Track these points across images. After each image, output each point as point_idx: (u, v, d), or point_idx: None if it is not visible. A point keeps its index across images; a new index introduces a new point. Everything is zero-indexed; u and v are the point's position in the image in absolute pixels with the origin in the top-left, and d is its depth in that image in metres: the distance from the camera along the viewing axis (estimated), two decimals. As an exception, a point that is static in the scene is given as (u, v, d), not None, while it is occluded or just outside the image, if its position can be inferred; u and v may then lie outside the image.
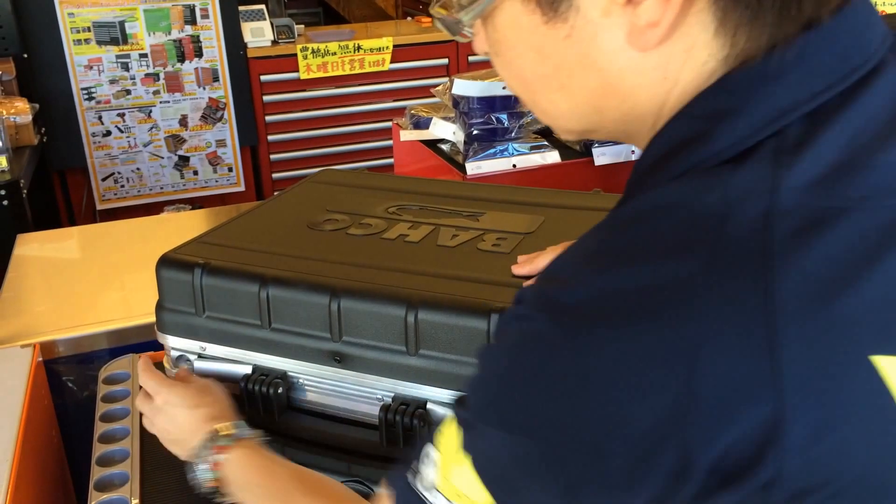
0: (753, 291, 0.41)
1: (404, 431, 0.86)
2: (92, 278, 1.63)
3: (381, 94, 3.66)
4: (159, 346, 1.32)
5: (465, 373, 0.80)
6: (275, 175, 3.64)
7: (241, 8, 3.41)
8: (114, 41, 3.22)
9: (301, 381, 0.94)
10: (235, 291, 0.93)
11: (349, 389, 0.91)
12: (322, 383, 0.93)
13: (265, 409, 0.93)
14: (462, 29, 0.55)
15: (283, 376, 0.93)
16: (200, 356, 0.98)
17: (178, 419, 0.89)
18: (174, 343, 1.00)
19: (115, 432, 1.08)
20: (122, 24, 3.21)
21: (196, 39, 3.32)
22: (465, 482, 0.51)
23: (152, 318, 1.02)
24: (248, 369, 0.94)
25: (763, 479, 0.41)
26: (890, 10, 2.31)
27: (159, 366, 1.26)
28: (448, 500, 0.53)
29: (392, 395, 0.88)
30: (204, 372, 0.97)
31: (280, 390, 0.92)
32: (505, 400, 0.48)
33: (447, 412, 0.85)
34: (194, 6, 3.29)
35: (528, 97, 0.57)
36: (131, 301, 1.52)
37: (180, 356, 0.99)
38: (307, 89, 3.55)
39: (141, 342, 1.36)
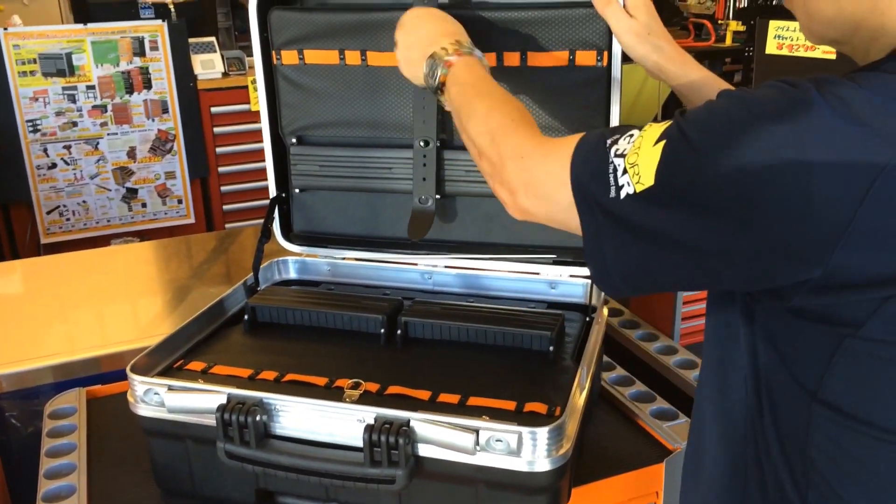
0: None
1: (388, 450, 0.88)
2: (36, 312, 1.60)
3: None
4: (106, 380, 1.31)
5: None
6: (225, 207, 3.62)
7: (191, 40, 3.41)
8: (60, 73, 3.19)
9: (278, 407, 0.94)
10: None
11: (328, 413, 0.92)
12: (300, 408, 0.93)
13: (242, 439, 0.93)
14: None
15: (259, 403, 0.94)
16: (170, 388, 0.97)
17: (423, 31, 1.02)
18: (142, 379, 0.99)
19: (61, 468, 1.07)
20: (69, 55, 3.18)
21: (145, 71, 3.31)
22: (645, 160, 0.66)
23: (98, 352, 1.02)
24: (222, 398, 0.94)
25: None
26: (821, 55, 2.43)
27: (110, 399, 1.25)
28: (624, 165, 0.67)
29: (374, 414, 0.90)
30: (176, 407, 0.97)
31: (258, 417, 0.93)
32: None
33: (431, 428, 0.88)
34: (143, 38, 3.28)
35: None
36: (76, 335, 1.50)
37: (148, 390, 0.98)
38: (258, 121, 3.54)
39: (87, 376, 1.34)
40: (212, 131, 3.49)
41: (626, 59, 1.10)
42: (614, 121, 1.16)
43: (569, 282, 1.25)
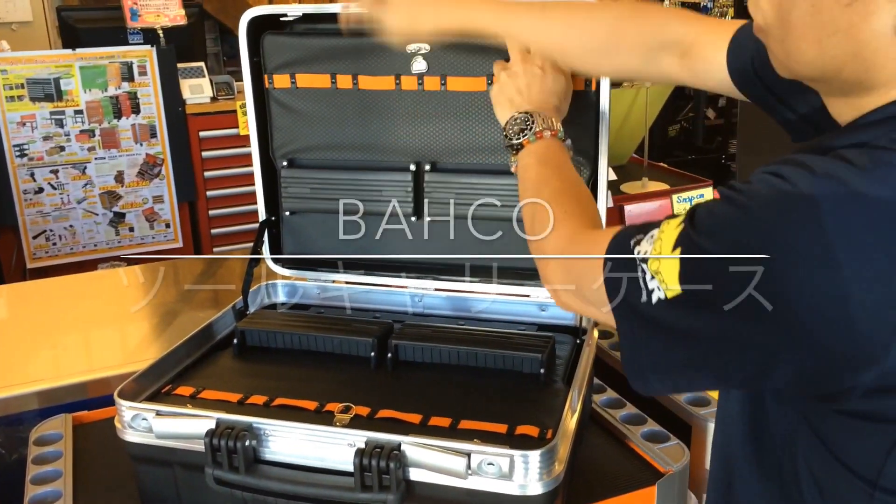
0: None
1: (379, 475, 0.87)
2: (21, 337, 1.59)
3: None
4: (92, 406, 1.29)
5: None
6: (213, 231, 3.61)
7: (180, 65, 3.42)
8: (48, 98, 3.18)
9: (268, 431, 0.93)
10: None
11: (319, 437, 0.91)
12: (290, 433, 0.92)
13: (231, 465, 0.92)
14: None
15: (248, 428, 0.93)
16: (158, 413, 0.96)
17: (531, 88, 1.00)
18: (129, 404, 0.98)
19: (46, 495, 1.05)
20: (56, 80, 3.18)
21: (133, 96, 3.31)
22: (667, 268, 0.63)
23: (84, 377, 1.01)
24: (211, 423, 0.93)
25: None
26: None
27: (96, 425, 1.24)
28: (650, 271, 0.65)
29: (365, 439, 0.89)
30: (164, 432, 0.96)
31: (247, 443, 0.92)
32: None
33: (422, 452, 0.87)
34: (132, 63, 3.29)
35: (779, 34, 0.65)
36: (62, 360, 1.49)
37: (136, 415, 0.97)
38: (246, 145, 3.55)
39: (73, 402, 1.33)
40: (200, 155, 3.49)
41: (614, 84, 1.12)
42: (603, 141, 1.17)
43: (559, 304, 1.25)
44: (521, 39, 1.00)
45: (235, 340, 1.19)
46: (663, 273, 0.64)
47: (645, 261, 0.66)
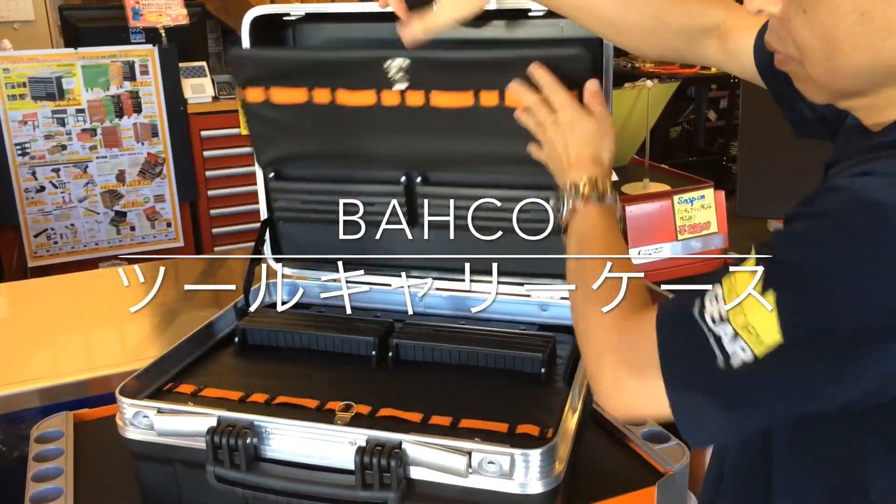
0: None
1: (380, 473, 0.87)
2: (22, 335, 1.59)
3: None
4: (92, 404, 1.29)
5: None
6: (215, 230, 3.61)
7: (181, 64, 3.43)
8: (50, 97, 3.19)
9: (269, 429, 0.93)
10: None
11: (320, 435, 0.92)
12: (291, 431, 0.93)
13: (232, 462, 0.92)
14: None
15: (249, 426, 0.93)
16: (160, 411, 0.96)
17: (570, 145, 0.93)
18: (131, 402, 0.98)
19: (47, 492, 1.05)
20: (58, 79, 3.19)
21: (135, 95, 3.32)
22: (760, 318, 0.59)
23: (85, 375, 1.01)
24: (212, 421, 0.94)
25: None
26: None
27: (97, 423, 1.24)
28: (733, 330, 0.60)
29: (366, 437, 0.89)
30: (166, 430, 0.96)
31: (248, 440, 0.92)
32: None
33: (423, 450, 0.87)
34: (133, 62, 3.29)
35: (822, 55, 0.63)
36: (63, 358, 1.49)
37: (137, 413, 0.97)
38: (248, 145, 3.55)
39: (73, 399, 1.33)
40: (201, 155, 3.50)
41: (616, 85, 1.11)
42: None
43: (560, 304, 1.25)
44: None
45: (237, 339, 1.19)
46: (756, 325, 0.59)
47: (725, 320, 0.61)
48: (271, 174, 1.29)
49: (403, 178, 1.22)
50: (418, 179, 1.22)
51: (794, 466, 0.71)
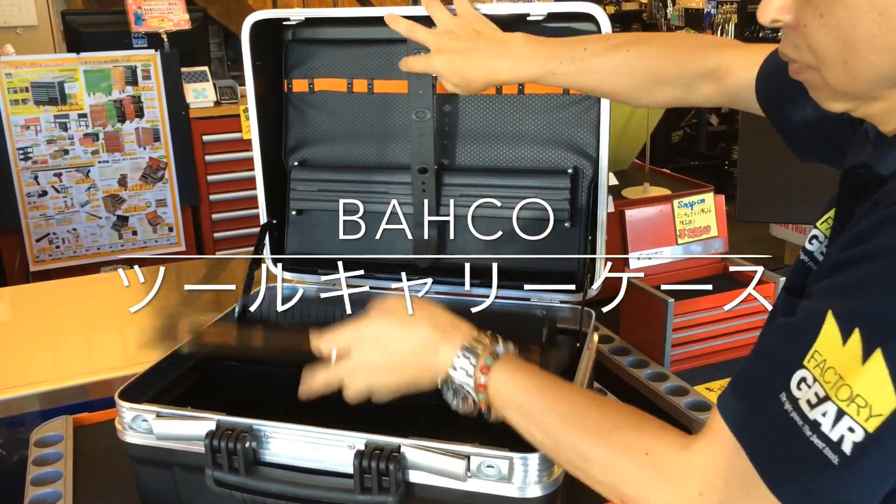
0: None
1: (379, 476, 0.87)
2: (23, 339, 1.59)
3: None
4: (93, 408, 1.29)
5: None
6: (216, 234, 3.62)
7: (183, 69, 3.44)
8: (52, 101, 3.20)
9: (267, 433, 0.94)
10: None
11: (318, 439, 0.92)
12: (290, 435, 0.93)
13: (231, 466, 0.92)
14: None
15: (248, 430, 0.93)
16: (159, 415, 0.96)
17: (400, 349, 0.81)
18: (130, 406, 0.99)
19: (46, 496, 1.05)
20: (61, 84, 3.20)
21: (137, 100, 3.33)
22: (870, 385, 0.51)
23: (85, 379, 1.01)
24: (211, 425, 0.94)
25: None
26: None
27: (97, 427, 1.24)
28: (837, 408, 0.52)
29: (364, 440, 0.89)
30: (165, 433, 0.96)
31: (247, 444, 0.92)
32: None
33: (422, 454, 0.87)
34: (136, 67, 3.30)
35: (840, 59, 0.60)
36: (64, 362, 1.49)
37: (136, 416, 0.97)
38: (249, 149, 3.55)
39: (73, 403, 1.33)
40: (203, 159, 3.50)
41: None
42: (604, 146, 1.17)
43: (560, 307, 1.25)
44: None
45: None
46: (865, 393, 0.52)
47: (825, 399, 0.53)
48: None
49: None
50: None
51: None
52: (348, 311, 1.05)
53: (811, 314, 0.57)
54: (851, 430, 0.53)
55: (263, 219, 1.34)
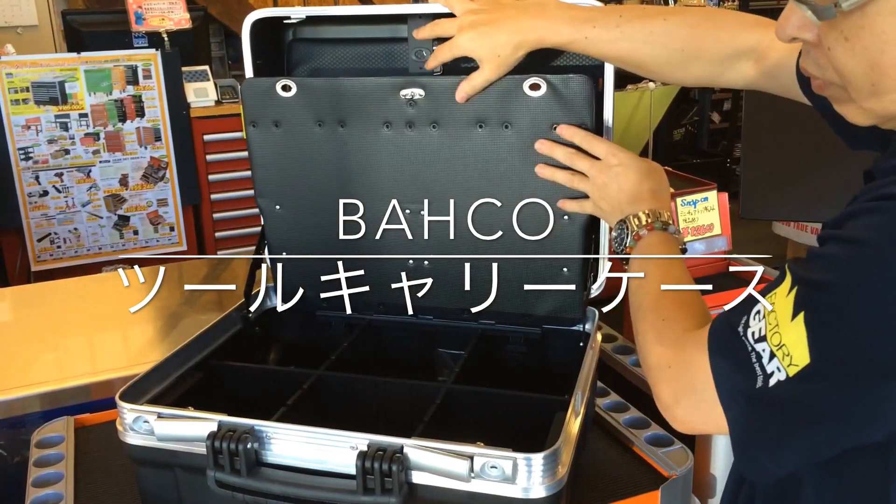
0: None
1: (382, 477, 0.86)
2: (24, 340, 1.59)
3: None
4: (95, 409, 1.29)
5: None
6: (218, 234, 3.61)
7: (184, 69, 3.43)
8: (53, 101, 3.20)
9: (269, 434, 0.93)
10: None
11: (321, 440, 0.91)
12: (292, 435, 0.92)
13: (232, 467, 0.92)
14: (830, 15, 0.60)
15: (250, 431, 0.93)
16: (160, 416, 0.96)
17: (624, 185, 0.96)
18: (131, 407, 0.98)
19: (47, 498, 1.05)
20: (61, 84, 3.20)
21: (138, 99, 3.32)
22: (793, 340, 0.60)
23: (87, 380, 1.01)
24: (213, 426, 0.93)
25: None
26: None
27: (98, 428, 1.23)
28: (770, 349, 0.62)
29: (367, 441, 0.89)
30: (166, 435, 0.96)
31: (249, 445, 0.92)
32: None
33: (425, 455, 0.86)
34: (136, 67, 3.29)
35: (869, 80, 0.61)
36: (65, 362, 1.49)
37: (137, 418, 0.97)
38: (251, 148, 3.56)
39: (75, 404, 1.32)
40: (204, 159, 3.50)
41: (618, 86, 1.11)
42: (607, 136, 1.16)
43: (561, 307, 1.24)
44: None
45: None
46: (789, 346, 0.60)
47: (763, 339, 0.63)
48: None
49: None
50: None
51: (826, 491, 0.69)
52: (348, 310, 1.04)
53: (785, 268, 0.66)
54: (779, 369, 0.62)
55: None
